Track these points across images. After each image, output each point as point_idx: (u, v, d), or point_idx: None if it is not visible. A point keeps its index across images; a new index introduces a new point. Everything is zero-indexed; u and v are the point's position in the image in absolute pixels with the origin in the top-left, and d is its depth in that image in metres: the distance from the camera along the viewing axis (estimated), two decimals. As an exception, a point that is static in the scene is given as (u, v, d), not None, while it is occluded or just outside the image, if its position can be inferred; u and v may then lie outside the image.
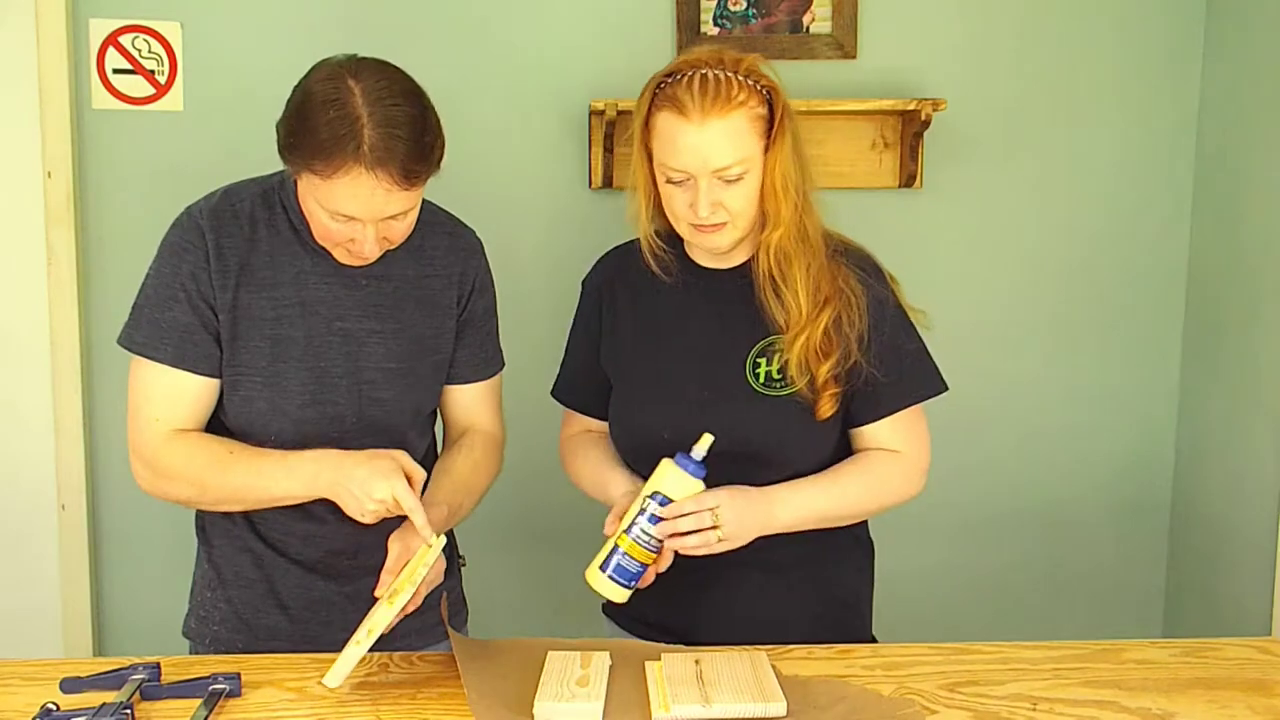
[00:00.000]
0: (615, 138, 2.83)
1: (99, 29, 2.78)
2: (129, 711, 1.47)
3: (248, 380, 1.73)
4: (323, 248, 1.73)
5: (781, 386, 1.75)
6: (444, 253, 1.83)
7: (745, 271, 1.80)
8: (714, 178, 1.69)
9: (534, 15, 2.86)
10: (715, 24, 2.86)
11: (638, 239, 1.85)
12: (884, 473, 1.80)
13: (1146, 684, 1.61)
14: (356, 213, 1.61)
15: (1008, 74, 2.95)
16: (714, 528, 1.65)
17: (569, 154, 2.90)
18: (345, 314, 1.75)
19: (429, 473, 1.89)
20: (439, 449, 1.94)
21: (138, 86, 2.80)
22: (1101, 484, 3.09)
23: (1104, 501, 3.09)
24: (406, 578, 1.59)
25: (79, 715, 1.46)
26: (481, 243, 1.90)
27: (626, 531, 1.67)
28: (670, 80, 1.72)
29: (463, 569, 2.00)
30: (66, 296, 2.83)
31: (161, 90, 2.81)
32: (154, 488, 1.75)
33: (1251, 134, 2.79)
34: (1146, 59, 2.96)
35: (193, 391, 1.73)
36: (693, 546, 1.66)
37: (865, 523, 1.91)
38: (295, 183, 1.69)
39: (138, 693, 1.53)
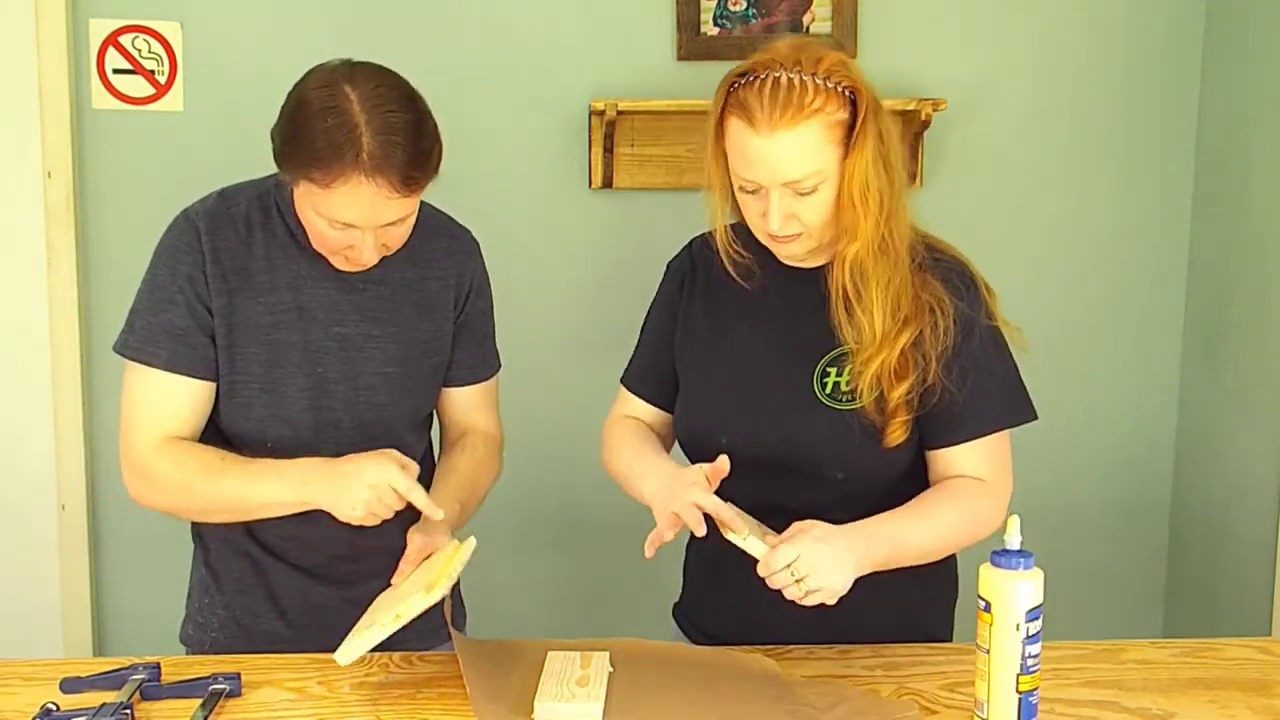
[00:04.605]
0: (615, 138, 2.83)
1: (99, 29, 2.78)
2: (129, 711, 1.47)
3: (245, 387, 1.72)
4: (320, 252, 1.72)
5: (848, 400, 1.67)
6: (442, 255, 1.82)
7: (825, 274, 1.69)
8: (786, 189, 1.59)
9: (534, 15, 2.86)
10: (715, 24, 2.87)
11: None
12: (973, 504, 1.66)
13: (1146, 684, 1.61)
14: (355, 220, 1.60)
15: (1007, 74, 2.95)
16: (798, 582, 1.50)
17: (569, 154, 2.90)
18: (343, 319, 1.74)
19: (429, 477, 1.87)
20: (435, 453, 1.94)
21: (138, 86, 2.80)
22: (1101, 484, 3.09)
23: (1104, 501, 3.09)
24: (444, 571, 1.57)
25: (79, 715, 1.46)
26: (478, 244, 1.89)
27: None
28: (742, 82, 1.60)
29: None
30: (66, 296, 2.83)
31: (161, 90, 2.81)
32: (142, 496, 1.72)
33: (1251, 134, 2.79)
34: (1146, 59, 2.96)
35: (187, 396, 1.71)
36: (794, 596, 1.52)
37: None
38: (291, 189, 1.69)
39: (138, 693, 1.53)
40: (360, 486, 1.57)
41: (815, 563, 1.50)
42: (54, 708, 1.48)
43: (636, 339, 1.92)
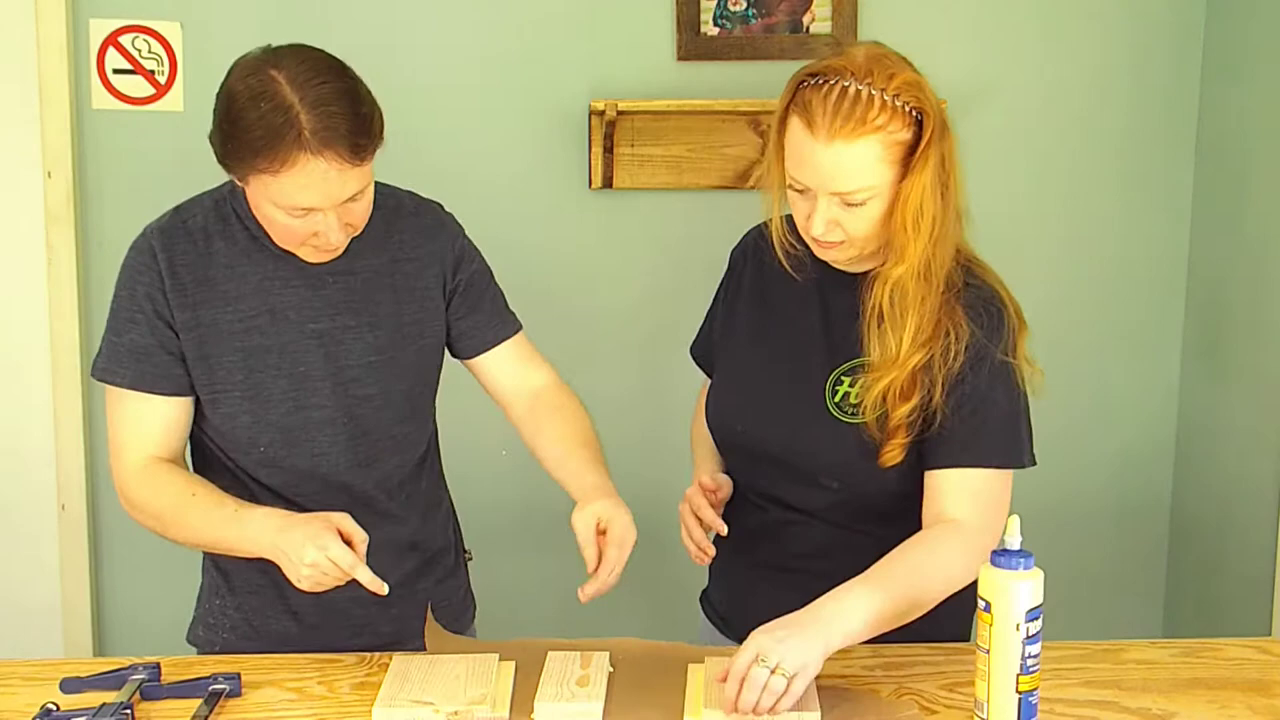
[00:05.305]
0: (615, 138, 2.83)
1: (99, 29, 2.79)
2: (129, 711, 1.47)
3: (227, 396, 1.70)
4: (284, 251, 1.69)
5: (854, 414, 1.65)
6: (412, 235, 1.78)
7: (863, 283, 1.67)
8: (834, 198, 1.57)
9: (534, 15, 2.86)
10: (715, 24, 2.87)
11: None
12: (943, 558, 1.58)
13: (1146, 684, 1.61)
14: (314, 202, 1.57)
15: (1008, 74, 2.95)
16: (774, 671, 1.43)
17: (569, 154, 2.90)
18: (317, 315, 1.71)
19: (436, 473, 1.89)
20: (439, 443, 1.93)
21: (138, 86, 2.81)
22: (1101, 484, 3.09)
23: (1104, 501, 3.09)
24: (502, 690, 1.55)
25: (79, 715, 1.46)
26: (451, 215, 1.85)
27: None
28: (811, 83, 1.57)
29: (469, 563, 2.00)
30: (66, 296, 2.83)
31: (161, 90, 2.81)
32: (131, 515, 1.73)
33: (1251, 134, 2.79)
34: (1147, 59, 2.96)
35: (157, 413, 1.70)
36: (768, 708, 1.44)
37: None
38: (244, 191, 1.65)
39: (138, 693, 1.53)
40: (299, 564, 1.55)
41: (780, 647, 1.44)
42: (54, 708, 1.48)
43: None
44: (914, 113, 1.57)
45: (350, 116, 1.54)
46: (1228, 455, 2.88)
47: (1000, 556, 1.44)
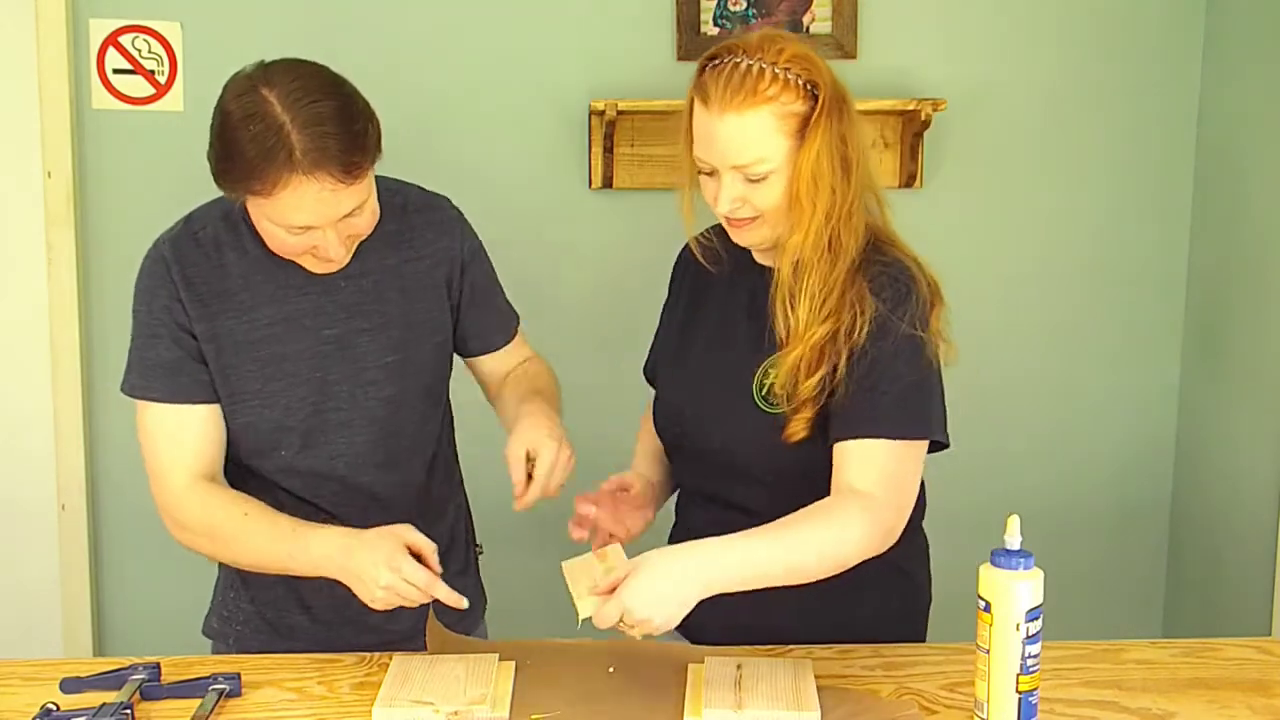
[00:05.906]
0: (615, 138, 2.83)
1: (99, 29, 2.79)
2: (129, 711, 1.47)
3: (246, 405, 1.71)
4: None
5: (775, 405, 1.66)
6: (421, 232, 1.78)
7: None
8: (736, 173, 1.60)
9: (534, 15, 2.86)
10: (715, 24, 2.87)
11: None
12: (843, 523, 1.56)
13: (1146, 684, 1.61)
14: (309, 221, 1.56)
15: (1007, 74, 2.95)
16: (632, 628, 1.49)
17: (569, 154, 2.91)
18: (331, 321, 1.72)
19: (451, 460, 1.92)
20: (455, 432, 1.94)
21: (138, 86, 2.80)
22: (1101, 484, 3.09)
23: (1104, 501, 3.09)
24: (502, 690, 1.56)
25: (79, 715, 1.46)
26: (459, 211, 1.85)
27: None
28: (709, 65, 1.62)
29: (480, 557, 2.00)
30: (66, 296, 2.83)
31: (161, 90, 2.81)
32: (179, 539, 1.71)
33: (1251, 134, 2.79)
34: (1146, 59, 2.96)
35: (196, 422, 1.70)
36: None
37: (904, 547, 1.76)
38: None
39: (138, 693, 1.53)
40: (374, 587, 1.55)
41: (650, 610, 1.48)
42: (54, 708, 1.48)
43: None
44: (807, 85, 1.60)
45: (343, 135, 1.52)
46: (1228, 455, 2.88)
47: (1000, 556, 1.45)
